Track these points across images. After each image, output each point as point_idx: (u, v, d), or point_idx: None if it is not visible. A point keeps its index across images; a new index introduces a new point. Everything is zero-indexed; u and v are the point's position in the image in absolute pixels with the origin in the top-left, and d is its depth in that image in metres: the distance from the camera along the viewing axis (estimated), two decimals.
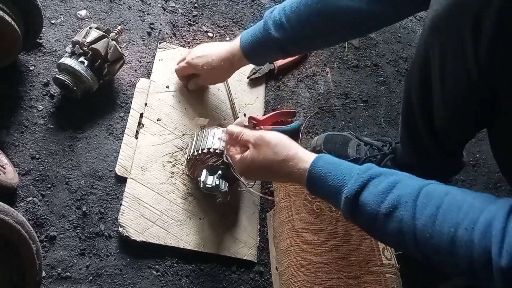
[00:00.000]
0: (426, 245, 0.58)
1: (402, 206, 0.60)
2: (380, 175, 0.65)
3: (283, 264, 0.91)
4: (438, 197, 0.59)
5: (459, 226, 0.55)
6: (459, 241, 0.55)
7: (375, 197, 0.63)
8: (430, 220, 0.58)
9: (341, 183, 0.67)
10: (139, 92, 1.12)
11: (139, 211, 0.96)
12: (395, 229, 0.61)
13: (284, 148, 0.75)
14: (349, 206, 0.66)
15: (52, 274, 0.87)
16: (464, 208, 0.57)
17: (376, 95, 1.38)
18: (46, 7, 1.17)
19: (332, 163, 0.70)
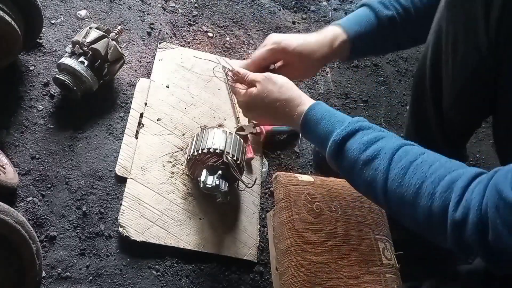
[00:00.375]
0: (393, 194, 0.62)
1: (380, 157, 0.65)
2: (369, 128, 0.70)
3: (283, 264, 0.91)
4: (414, 153, 0.64)
5: (426, 179, 0.59)
6: (423, 192, 0.59)
7: (359, 145, 0.67)
8: (401, 171, 0.62)
9: (332, 128, 0.71)
10: (139, 92, 1.12)
11: (139, 211, 0.96)
12: (369, 176, 0.65)
13: (288, 90, 0.78)
14: (334, 149, 0.69)
15: (52, 274, 0.87)
16: (435, 165, 0.61)
17: (376, 95, 1.38)
18: (46, 7, 1.17)
19: (328, 110, 0.74)
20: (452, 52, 0.79)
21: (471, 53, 0.75)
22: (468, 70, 0.78)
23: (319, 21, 1.48)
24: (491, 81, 0.76)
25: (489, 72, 0.75)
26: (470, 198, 0.55)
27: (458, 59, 0.78)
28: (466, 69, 0.78)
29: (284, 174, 1.01)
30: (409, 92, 1.43)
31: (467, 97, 0.83)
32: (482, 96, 0.81)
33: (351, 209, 1.00)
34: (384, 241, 1.00)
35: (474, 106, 0.86)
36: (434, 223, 0.58)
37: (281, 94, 0.78)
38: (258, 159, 1.14)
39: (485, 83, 0.78)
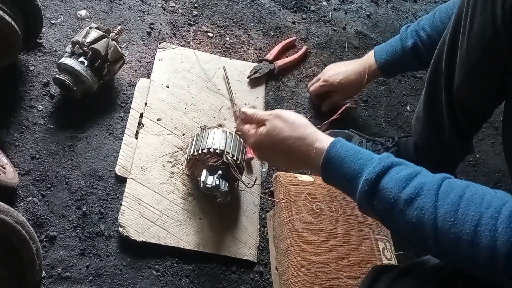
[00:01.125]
0: (447, 234, 0.56)
1: (424, 194, 0.58)
2: (401, 164, 0.63)
3: (283, 264, 0.91)
4: (460, 187, 0.58)
5: (483, 215, 0.54)
6: (483, 229, 0.53)
7: (396, 182, 0.60)
8: (452, 208, 0.56)
9: (361, 166, 0.64)
10: (139, 92, 1.12)
11: (139, 211, 0.96)
12: (414, 217, 0.58)
13: (301, 126, 0.72)
14: (368, 190, 0.62)
15: (52, 274, 0.87)
16: (487, 198, 0.55)
17: (376, 95, 1.38)
18: (46, 7, 1.17)
19: (351, 147, 0.67)
20: (470, 24, 0.78)
21: (487, 25, 0.74)
22: (483, 43, 0.77)
23: (319, 21, 1.48)
24: (504, 59, 0.75)
25: (502, 49, 0.74)
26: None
27: (474, 31, 0.78)
28: (481, 42, 0.77)
29: (284, 174, 1.01)
30: (409, 92, 1.43)
31: (479, 73, 0.82)
32: (493, 75, 0.80)
33: (351, 209, 1.00)
34: (384, 241, 1.00)
35: (485, 84, 0.84)
36: (499, 263, 0.52)
37: (293, 131, 0.72)
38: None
39: (497, 60, 0.77)
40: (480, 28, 0.76)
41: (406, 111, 1.38)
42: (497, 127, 1.44)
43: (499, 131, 1.42)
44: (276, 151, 0.75)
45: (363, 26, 1.53)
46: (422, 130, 1.04)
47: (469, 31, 0.79)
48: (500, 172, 1.35)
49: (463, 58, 0.83)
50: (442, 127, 0.96)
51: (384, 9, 1.63)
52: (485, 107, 0.91)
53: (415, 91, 1.44)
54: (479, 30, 0.77)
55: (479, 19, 0.76)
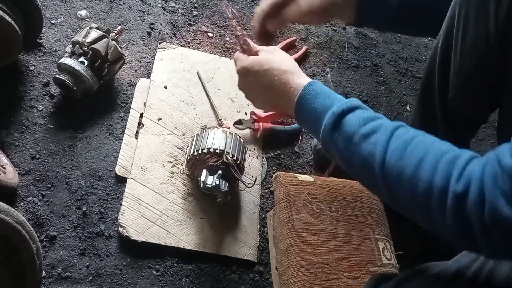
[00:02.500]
0: (392, 168, 0.59)
1: (381, 132, 0.62)
2: (369, 109, 0.69)
3: (283, 264, 0.91)
4: (415, 131, 0.63)
5: (429, 153, 0.58)
6: (425, 165, 0.57)
7: (358, 119, 0.65)
8: (402, 145, 0.60)
9: (331, 103, 0.68)
10: (139, 92, 1.12)
11: (139, 211, 0.96)
12: (367, 150, 0.62)
13: (290, 64, 0.76)
14: (332, 122, 0.66)
15: (52, 274, 0.87)
16: (437, 143, 0.60)
17: (376, 95, 1.38)
18: (46, 7, 1.17)
19: (327, 88, 0.72)
20: (462, 36, 0.78)
21: (480, 38, 0.74)
22: (476, 56, 0.77)
23: None
24: (499, 71, 0.76)
25: (496, 62, 0.75)
26: (472, 169, 0.54)
27: (467, 43, 0.78)
28: (474, 55, 0.77)
29: (284, 174, 1.01)
30: (409, 92, 1.43)
31: (473, 85, 0.83)
32: (488, 86, 0.80)
33: (351, 209, 1.00)
34: (384, 241, 1.00)
35: (479, 95, 0.85)
36: (434, 197, 0.55)
37: (282, 64, 0.75)
38: (258, 159, 1.14)
39: (492, 72, 0.77)
40: (473, 41, 0.77)
41: (406, 111, 1.39)
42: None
43: None
44: (260, 81, 0.77)
45: None
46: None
47: (462, 44, 0.79)
48: None
49: (456, 70, 0.83)
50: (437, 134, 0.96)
51: None
52: (481, 114, 0.92)
53: (415, 91, 1.44)
54: (472, 43, 0.77)
55: (472, 33, 0.76)
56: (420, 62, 1.51)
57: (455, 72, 0.84)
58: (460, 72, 0.83)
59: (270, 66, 0.75)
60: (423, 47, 1.56)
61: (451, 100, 0.88)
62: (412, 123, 1.06)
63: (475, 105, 0.88)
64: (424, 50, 1.55)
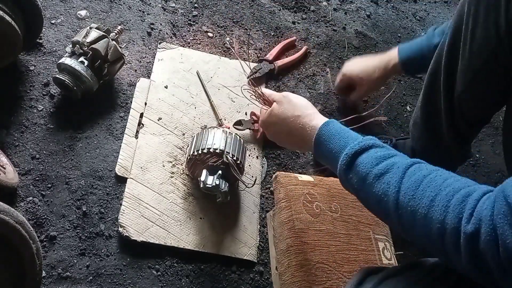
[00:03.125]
0: (406, 208, 0.60)
1: (393, 171, 0.63)
2: (383, 147, 0.69)
3: (283, 264, 0.91)
4: (428, 169, 0.63)
5: (440, 192, 0.58)
6: (437, 204, 0.57)
7: (371, 159, 0.66)
8: (415, 184, 0.60)
9: (345, 144, 0.71)
10: (139, 92, 1.12)
11: (139, 211, 0.96)
12: (380, 190, 0.63)
13: (302, 107, 0.81)
14: (346, 163, 0.69)
15: (52, 274, 0.87)
16: (449, 180, 0.60)
17: (376, 95, 1.38)
18: (46, 7, 1.17)
19: (342, 128, 0.74)
20: (472, 33, 0.79)
21: (490, 34, 0.75)
22: (486, 52, 0.78)
23: (319, 21, 1.48)
24: (507, 68, 0.76)
25: (505, 58, 0.75)
26: (481, 209, 0.53)
27: (476, 40, 0.79)
28: (484, 51, 0.78)
29: (284, 174, 1.01)
30: (409, 92, 1.43)
31: (481, 81, 0.83)
32: (495, 83, 0.81)
33: (351, 209, 1.00)
34: (384, 241, 1.00)
35: (486, 92, 0.85)
36: (447, 237, 0.55)
37: (295, 110, 0.81)
38: (258, 159, 1.14)
39: (500, 69, 0.78)
40: (483, 37, 0.77)
41: (406, 111, 1.39)
42: (497, 127, 1.44)
43: (499, 131, 1.42)
44: (281, 130, 0.85)
45: (363, 26, 1.53)
46: (420, 135, 1.05)
47: (471, 41, 0.80)
48: (500, 172, 1.35)
49: (465, 66, 0.84)
50: (440, 132, 0.96)
51: (384, 9, 1.63)
52: (486, 112, 0.92)
53: (415, 91, 1.44)
54: (482, 39, 0.78)
55: (482, 29, 0.77)
56: None
57: (463, 68, 0.84)
58: (468, 68, 0.83)
59: (285, 115, 0.82)
60: None
61: (457, 96, 0.88)
62: (414, 121, 1.06)
63: (481, 102, 0.88)
64: None
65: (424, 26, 1.63)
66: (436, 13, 1.70)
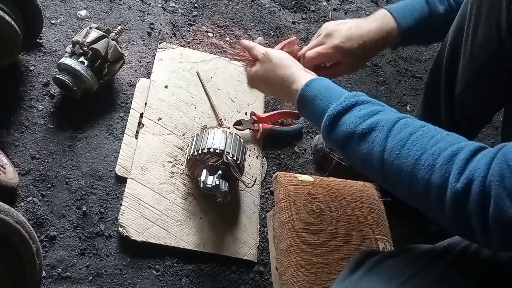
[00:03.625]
0: (391, 166, 0.60)
1: (378, 129, 0.62)
2: (367, 102, 0.67)
3: (283, 264, 0.91)
4: (414, 126, 0.61)
5: (426, 151, 0.57)
6: (422, 163, 0.57)
7: (355, 119, 0.65)
8: (400, 143, 0.60)
9: (328, 104, 0.69)
10: (139, 92, 1.12)
11: (139, 211, 0.96)
12: (365, 149, 0.63)
13: (283, 67, 0.79)
14: (329, 124, 0.67)
15: (52, 274, 0.87)
16: (436, 138, 0.59)
17: (376, 95, 1.38)
18: (46, 7, 1.17)
19: (324, 86, 0.72)
20: (473, 32, 0.79)
21: (491, 34, 0.75)
22: (487, 52, 0.78)
23: (319, 21, 1.48)
24: (508, 68, 0.76)
25: (506, 58, 0.75)
26: (474, 168, 0.53)
27: (478, 40, 0.79)
28: (485, 51, 0.78)
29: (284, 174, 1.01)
30: (409, 92, 1.43)
31: (481, 81, 0.83)
32: (496, 82, 0.81)
33: (351, 209, 1.00)
34: (384, 241, 1.00)
35: (486, 92, 0.85)
36: (432, 195, 0.56)
37: (275, 73, 0.79)
38: (258, 159, 1.14)
39: (501, 69, 0.78)
40: (484, 37, 0.77)
41: (406, 111, 1.38)
42: (497, 127, 1.44)
43: (499, 131, 1.42)
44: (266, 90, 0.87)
45: None
46: None
47: (473, 40, 0.80)
48: None
49: (466, 66, 0.84)
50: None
51: None
52: (487, 112, 0.92)
53: (415, 91, 1.44)
54: (483, 39, 0.78)
55: (483, 29, 0.77)
56: (420, 62, 1.51)
57: (464, 67, 0.84)
58: (469, 68, 0.83)
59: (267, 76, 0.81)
60: (423, 47, 1.56)
61: (458, 95, 0.88)
62: None
63: (481, 102, 0.88)
64: (424, 50, 1.55)
65: None
66: None
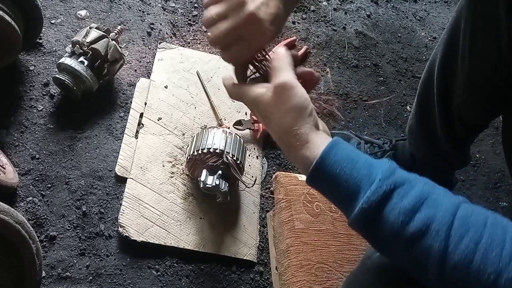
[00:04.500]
0: (454, 282, 0.49)
1: (432, 235, 0.49)
2: (405, 183, 0.52)
3: (283, 264, 0.91)
4: (475, 227, 0.49)
5: (502, 273, 0.46)
6: (502, 284, 0.46)
7: (400, 215, 0.50)
8: (466, 258, 0.48)
9: (356, 187, 0.52)
10: (139, 92, 1.12)
11: (139, 211, 0.96)
12: (416, 256, 0.50)
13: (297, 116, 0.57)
14: (365, 218, 0.52)
15: (52, 274, 0.87)
16: (507, 247, 0.47)
17: (376, 95, 1.38)
18: (46, 7, 1.17)
19: (347, 157, 0.54)
20: (470, 48, 0.78)
21: (491, 49, 0.74)
22: (488, 68, 0.77)
23: (319, 21, 1.48)
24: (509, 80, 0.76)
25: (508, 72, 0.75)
26: None
27: (476, 56, 0.78)
28: (486, 67, 0.78)
29: (284, 174, 1.01)
30: (409, 92, 1.43)
31: (483, 94, 0.83)
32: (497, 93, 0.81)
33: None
34: None
35: (488, 101, 0.85)
36: None
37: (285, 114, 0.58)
38: (258, 159, 1.14)
39: (502, 82, 0.77)
40: (483, 53, 0.77)
41: (406, 111, 1.38)
42: (497, 127, 1.44)
43: (499, 131, 1.42)
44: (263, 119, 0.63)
45: (363, 26, 1.53)
46: (416, 142, 1.05)
47: (470, 56, 0.79)
48: (500, 172, 1.35)
49: (465, 81, 0.83)
50: (437, 139, 0.97)
51: (384, 9, 1.63)
52: (486, 119, 0.92)
53: (415, 91, 1.42)
54: (483, 55, 0.77)
55: (482, 44, 0.76)
56: (420, 62, 1.51)
57: (463, 82, 0.84)
58: (469, 83, 0.83)
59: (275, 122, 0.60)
60: (423, 47, 1.56)
61: (457, 106, 0.88)
62: (410, 129, 1.06)
63: (482, 110, 0.88)
64: (424, 50, 1.55)
65: (424, 26, 1.63)
66: (436, 13, 1.70)
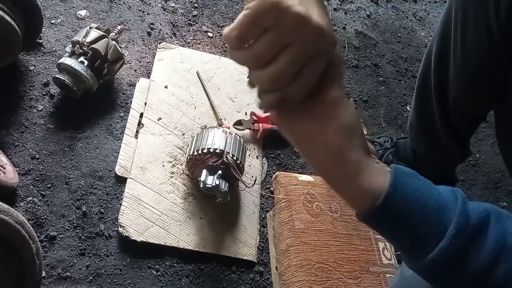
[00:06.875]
0: None
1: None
2: (480, 231, 0.45)
3: (283, 264, 0.91)
4: None
5: None
6: None
7: (477, 273, 0.44)
8: None
9: (429, 229, 0.45)
10: (139, 92, 1.12)
11: (139, 211, 0.96)
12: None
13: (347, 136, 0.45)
14: (434, 270, 0.46)
15: (52, 274, 0.87)
16: None
17: (376, 95, 1.38)
18: (46, 7, 1.17)
19: (414, 198, 0.45)
20: (462, 39, 0.79)
21: (482, 38, 0.75)
22: (479, 57, 0.78)
23: None
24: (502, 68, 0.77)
25: (500, 60, 0.75)
26: None
27: (468, 46, 0.79)
28: (477, 56, 0.78)
29: (284, 174, 1.01)
30: (409, 92, 1.43)
31: (476, 84, 0.83)
32: (492, 82, 0.81)
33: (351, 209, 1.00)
34: (384, 241, 1.00)
35: (484, 92, 0.86)
36: None
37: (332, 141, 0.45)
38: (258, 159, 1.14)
39: (495, 71, 0.78)
40: (475, 42, 0.77)
41: (406, 111, 1.38)
42: None
43: None
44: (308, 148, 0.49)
45: (363, 26, 1.53)
46: (417, 137, 1.06)
47: (463, 46, 0.80)
48: (500, 172, 1.35)
49: (458, 72, 0.84)
50: (437, 133, 0.97)
51: (384, 9, 1.63)
52: (484, 110, 0.93)
53: None
54: (474, 44, 0.78)
55: (473, 34, 0.77)
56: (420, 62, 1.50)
57: (457, 73, 0.84)
58: (462, 73, 0.83)
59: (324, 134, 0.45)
60: (423, 47, 1.56)
61: (453, 99, 0.89)
62: (410, 123, 1.07)
63: (479, 102, 0.89)
64: (424, 50, 1.54)
65: (424, 26, 1.63)
66: (436, 13, 1.70)
